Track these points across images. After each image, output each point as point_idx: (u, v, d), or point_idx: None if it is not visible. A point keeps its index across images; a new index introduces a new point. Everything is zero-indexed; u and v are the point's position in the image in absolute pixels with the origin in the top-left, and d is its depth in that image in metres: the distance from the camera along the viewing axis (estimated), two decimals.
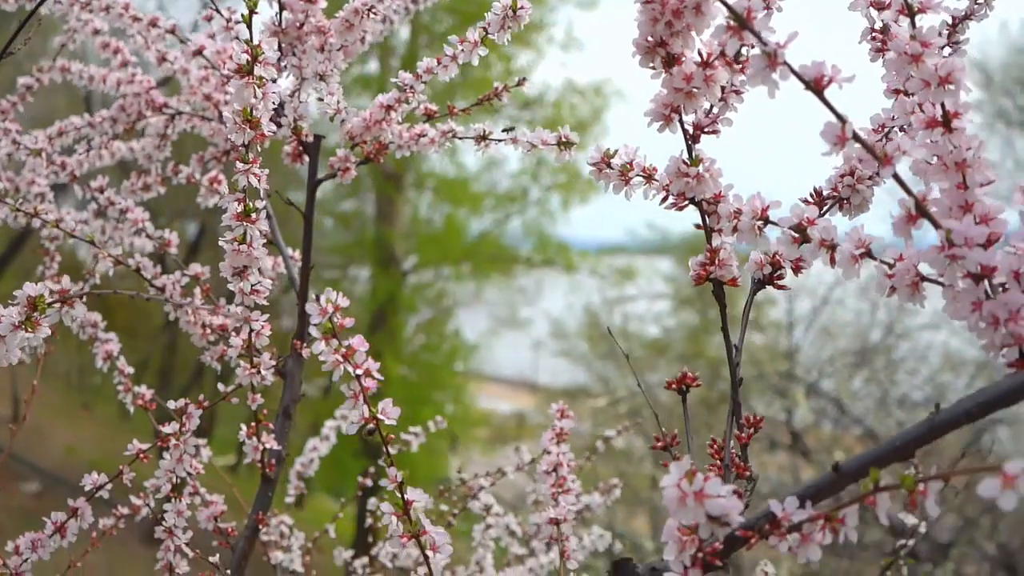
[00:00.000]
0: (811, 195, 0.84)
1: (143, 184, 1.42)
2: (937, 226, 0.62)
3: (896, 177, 0.63)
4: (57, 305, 0.80)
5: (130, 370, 1.25)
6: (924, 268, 0.67)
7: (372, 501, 1.40)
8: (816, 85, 0.62)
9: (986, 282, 0.64)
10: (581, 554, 1.55)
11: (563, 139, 1.06)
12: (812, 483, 0.64)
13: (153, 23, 1.26)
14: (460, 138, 1.17)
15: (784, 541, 0.63)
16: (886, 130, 0.85)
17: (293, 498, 1.66)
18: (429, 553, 0.79)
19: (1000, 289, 0.64)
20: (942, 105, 0.66)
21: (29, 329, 0.83)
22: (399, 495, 0.79)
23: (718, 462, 0.78)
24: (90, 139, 1.40)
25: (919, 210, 0.63)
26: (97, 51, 1.41)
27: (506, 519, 1.64)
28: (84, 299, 0.81)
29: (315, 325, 0.75)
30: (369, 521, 1.60)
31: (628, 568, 0.70)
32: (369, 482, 1.69)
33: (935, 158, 0.67)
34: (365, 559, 1.58)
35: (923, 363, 7.41)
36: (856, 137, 0.62)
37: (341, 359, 0.77)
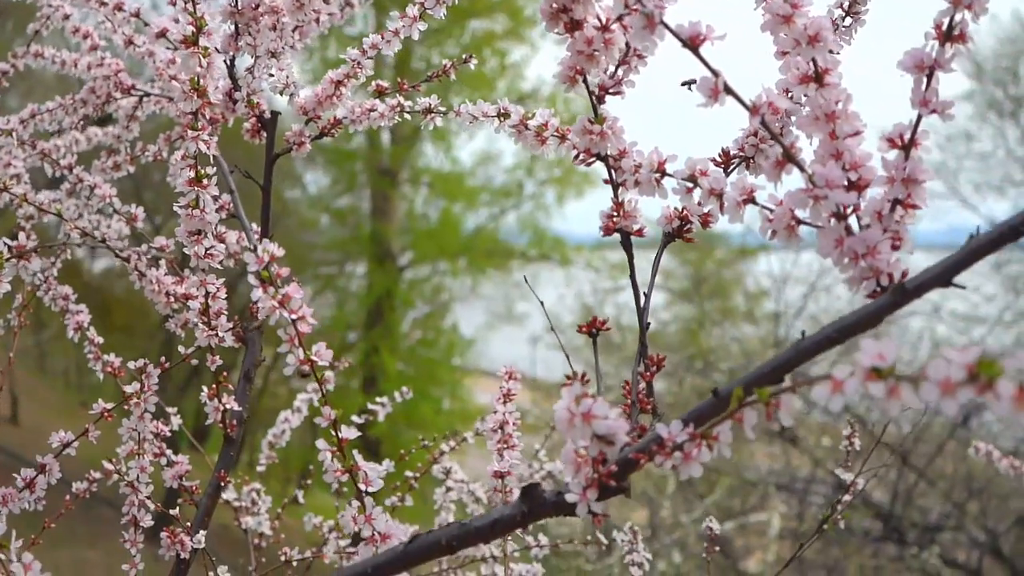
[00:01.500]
0: (719, 154, 0.90)
1: (113, 163, 1.48)
2: (803, 170, 0.68)
3: (765, 126, 0.69)
4: (14, 260, 0.86)
5: (100, 340, 1.31)
6: (801, 213, 0.73)
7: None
8: (692, 43, 0.68)
9: (853, 221, 0.70)
10: None
11: (502, 111, 1.12)
12: (695, 408, 0.70)
13: (118, 7, 1.32)
14: (409, 112, 1.23)
15: (669, 460, 0.69)
16: (790, 93, 0.90)
17: (263, 468, 1.72)
18: (362, 486, 0.85)
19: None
20: (814, 61, 0.72)
21: None
22: (334, 433, 0.85)
23: (628, 401, 0.84)
24: (61, 122, 1.46)
25: (787, 156, 0.69)
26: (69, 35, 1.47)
27: (471, 486, 1.70)
28: (39, 252, 0.87)
29: (252, 273, 0.81)
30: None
31: (536, 492, 0.76)
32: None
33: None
34: (332, 522, 1.64)
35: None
36: (728, 90, 0.68)
37: (277, 305, 0.82)
